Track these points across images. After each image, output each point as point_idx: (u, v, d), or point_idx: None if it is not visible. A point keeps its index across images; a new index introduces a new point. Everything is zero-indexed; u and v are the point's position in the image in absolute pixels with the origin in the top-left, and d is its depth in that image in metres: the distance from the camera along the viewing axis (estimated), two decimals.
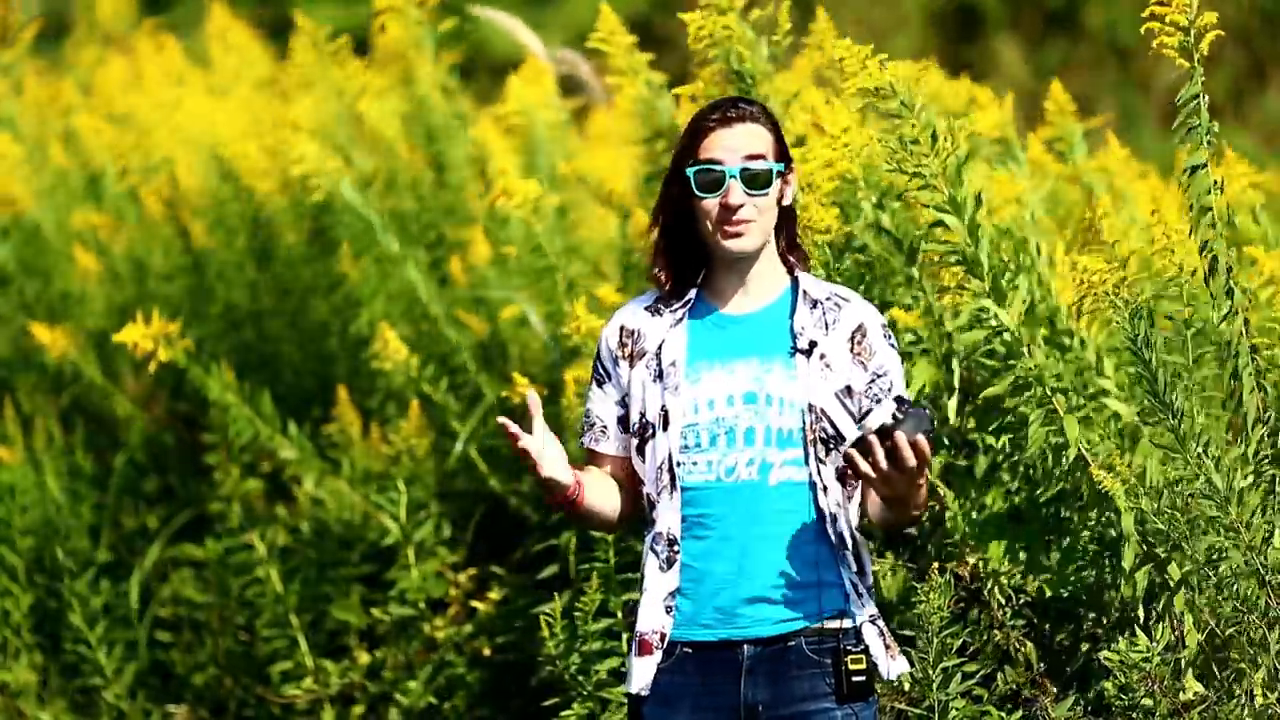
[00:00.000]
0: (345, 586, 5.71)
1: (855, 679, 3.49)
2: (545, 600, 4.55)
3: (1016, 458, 4.28)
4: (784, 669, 3.50)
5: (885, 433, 3.34)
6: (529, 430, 3.54)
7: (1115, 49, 14.07)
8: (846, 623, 3.52)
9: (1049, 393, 4.10)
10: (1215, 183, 3.92)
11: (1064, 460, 4.13)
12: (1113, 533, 4.12)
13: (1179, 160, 5.49)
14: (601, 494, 3.63)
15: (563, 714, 4.46)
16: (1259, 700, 3.83)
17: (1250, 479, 3.87)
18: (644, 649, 3.55)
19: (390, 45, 6.23)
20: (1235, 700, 3.85)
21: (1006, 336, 4.12)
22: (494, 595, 5.36)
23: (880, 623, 3.57)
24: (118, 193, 7.41)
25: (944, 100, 5.55)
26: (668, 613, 3.54)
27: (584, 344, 4.71)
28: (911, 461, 3.34)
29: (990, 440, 4.38)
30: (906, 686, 4.02)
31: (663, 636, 3.54)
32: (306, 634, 5.65)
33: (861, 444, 3.36)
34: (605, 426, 3.66)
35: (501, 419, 3.50)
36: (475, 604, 5.37)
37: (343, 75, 6.78)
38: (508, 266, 6.06)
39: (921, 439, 3.34)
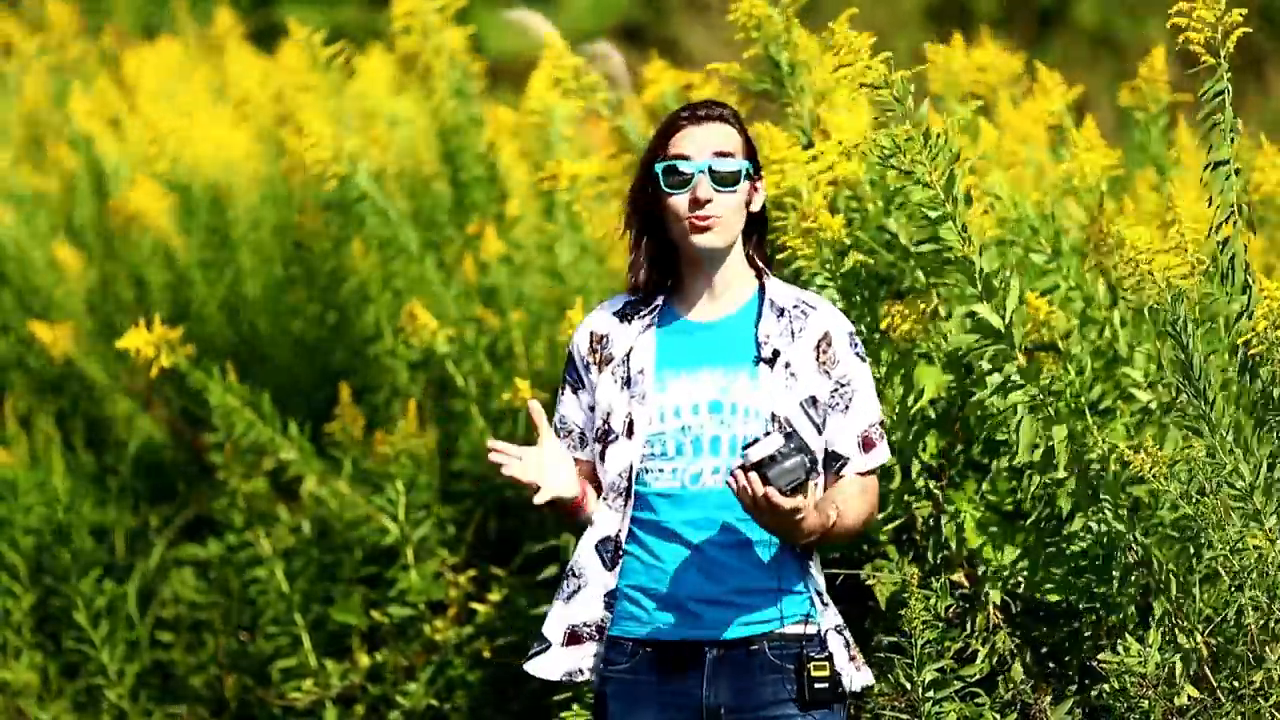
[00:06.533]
0: (347, 587, 5.72)
1: (818, 686, 3.50)
2: (545, 602, 4.55)
3: (1008, 463, 4.23)
4: (746, 673, 3.51)
5: (760, 471, 3.33)
6: (534, 441, 3.54)
7: (1111, 46, 14.07)
8: (810, 629, 3.53)
9: (1043, 397, 4.05)
10: (1243, 180, 3.91)
11: (1055, 464, 4.09)
12: (1108, 535, 4.09)
13: (1173, 156, 5.46)
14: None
15: (564, 715, 4.47)
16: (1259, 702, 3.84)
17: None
18: (574, 640, 3.58)
19: (409, 47, 6.17)
20: (1231, 704, 3.86)
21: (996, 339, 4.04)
22: (494, 597, 5.37)
23: (846, 633, 3.59)
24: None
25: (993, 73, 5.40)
26: (607, 608, 3.57)
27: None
28: (784, 505, 3.33)
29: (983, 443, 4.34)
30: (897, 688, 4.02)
31: (599, 628, 3.57)
32: (309, 634, 5.66)
33: (742, 471, 3.34)
34: (582, 433, 3.67)
35: (491, 445, 3.48)
36: (475, 606, 5.38)
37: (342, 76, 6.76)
38: (517, 265, 6.03)
39: (774, 493, 3.29)
